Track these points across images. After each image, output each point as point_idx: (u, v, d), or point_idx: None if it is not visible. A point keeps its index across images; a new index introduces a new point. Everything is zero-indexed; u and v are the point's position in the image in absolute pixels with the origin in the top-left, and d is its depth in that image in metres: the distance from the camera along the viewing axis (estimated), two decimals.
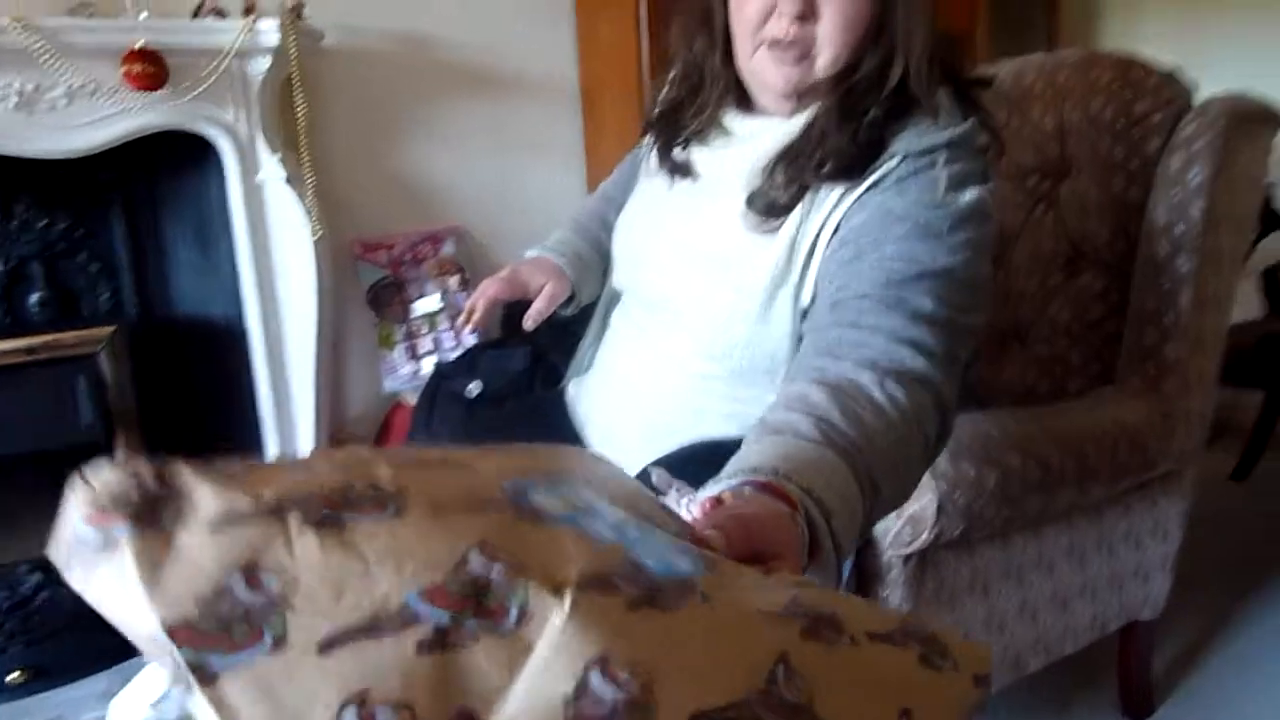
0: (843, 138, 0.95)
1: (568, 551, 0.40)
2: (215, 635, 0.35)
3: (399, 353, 2.24)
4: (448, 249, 2.35)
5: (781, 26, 0.95)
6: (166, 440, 1.97)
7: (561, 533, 0.42)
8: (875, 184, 0.94)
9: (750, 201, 1.00)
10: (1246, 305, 2.28)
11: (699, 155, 1.09)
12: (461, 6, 2.35)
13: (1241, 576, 2.09)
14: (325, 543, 0.37)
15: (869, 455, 0.74)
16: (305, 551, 0.37)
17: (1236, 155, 1.36)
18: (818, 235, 0.96)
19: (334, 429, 2.19)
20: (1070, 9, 3.33)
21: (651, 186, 1.17)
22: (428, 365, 2.23)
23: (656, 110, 1.16)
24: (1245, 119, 1.37)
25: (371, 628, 0.36)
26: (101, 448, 1.82)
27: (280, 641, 0.35)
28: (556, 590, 0.38)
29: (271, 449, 2.04)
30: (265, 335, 1.99)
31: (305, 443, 2.06)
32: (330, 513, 0.38)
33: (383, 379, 2.24)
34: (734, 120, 1.07)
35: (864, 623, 0.47)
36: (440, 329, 2.28)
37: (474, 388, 1.91)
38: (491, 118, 2.44)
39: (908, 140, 0.95)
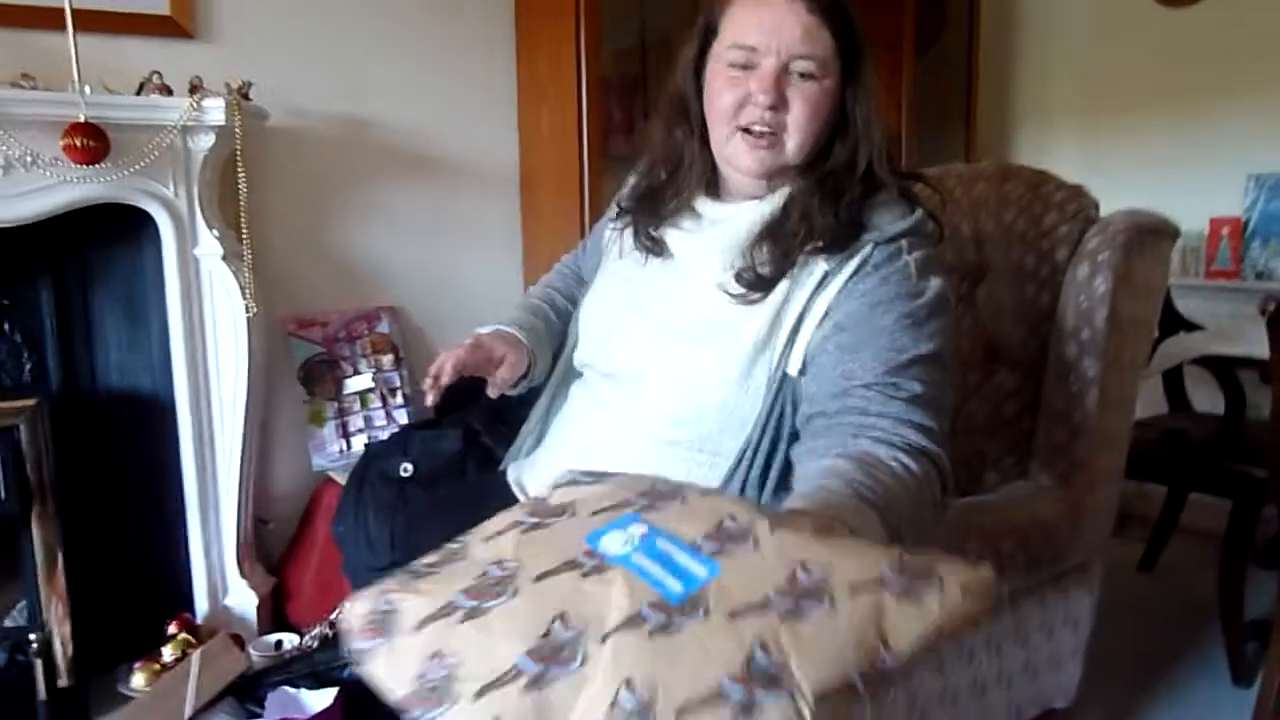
0: (827, 217, 1.08)
1: (614, 600, 0.60)
2: (424, 699, 0.57)
3: (329, 430, 2.23)
4: (382, 327, 2.36)
5: (756, 114, 1.09)
6: (86, 515, 1.92)
7: (613, 574, 0.62)
8: (856, 271, 1.07)
9: (739, 276, 1.10)
10: (1150, 402, 2.40)
11: (672, 237, 1.19)
12: (404, 92, 2.41)
13: (1150, 664, 2.16)
14: (473, 626, 0.60)
15: (893, 510, 0.87)
16: (463, 635, 0.59)
17: (1137, 266, 1.46)
18: (803, 312, 1.07)
19: (258, 507, 2.15)
20: (986, 123, 3.55)
21: (621, 267, 1.25)
22: (358, 443, 2.22)
23: (630, 196, 1.27)
24: (1144, 233, 1.48)
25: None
26: (16, 520, 1.76)
27: (453, 699, 0.57)
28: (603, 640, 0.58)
29: (193, 526, 1.99)
30: (193, 410, 1.97)
31: (228, 520, 2.02)
32: (474, 604, 0.61)
33: (312, 456, 2.21)
34: (704, 205, 1.18)
35: (849, 574, 0.62)
36: (372, 407, 2.28)
37: (406, 468, 1.91)
38: (430, 201, 2.48)
39: (878, 227, 1.09)
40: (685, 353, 1.13)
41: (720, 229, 1.16)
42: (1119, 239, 1.46)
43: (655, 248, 1.20)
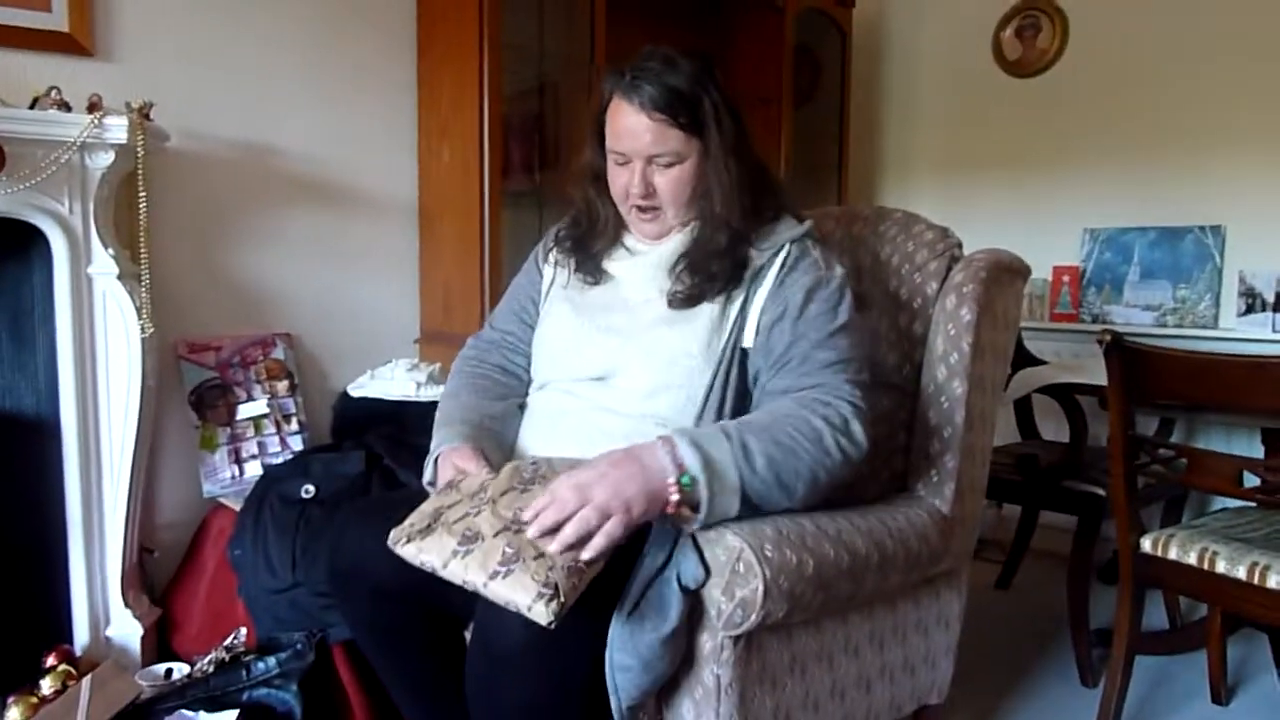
0: (725, 261, 1.39)
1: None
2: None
3: (221, 455, 2.20)
4: (277, 354, 2.35)
5: (635, 199, 1.41)
6: None
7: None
8: (783, 265, 1.40)
9: (670, 302, 1.40)
10: (1004, 432, 2.62)
11: (611, 265, 1.50)
12: (306, 122, 2.43)
13: (1009, 669, 2.34)
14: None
15: (745, 424, 1.26)
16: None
17: (996, 298, 1.64)
18: (748, 295, 1.39)
19: (142, 535, 2.09)
20: (856, 172, 3.81)
21: (567, 295, 1.52)
22: (251, 469, 2.20)
23: (563, 243, 1.55)
24: (1002, 269, 1.66)
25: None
26: None
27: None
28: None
29: (76, 554, 1.93)
30: (80, 434, 1.91)
31: (113, 548, 1.96)
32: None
33: (203, 482, 2.17)
34: (630, 240, 1.51)
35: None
36: (266, 433, 2.26)
37: (308, 489, 1.92)
38: (329, 229, 2.50)
39: (783, 233, 1.42)
40: (655, 337, 1.39)
41: (650, 255, 1.47)
42: (981, 274, 1.63)
43: (598, 276, 1.50)
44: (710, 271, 1.39)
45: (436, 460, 1.39)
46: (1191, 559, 1.80)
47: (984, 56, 3.68)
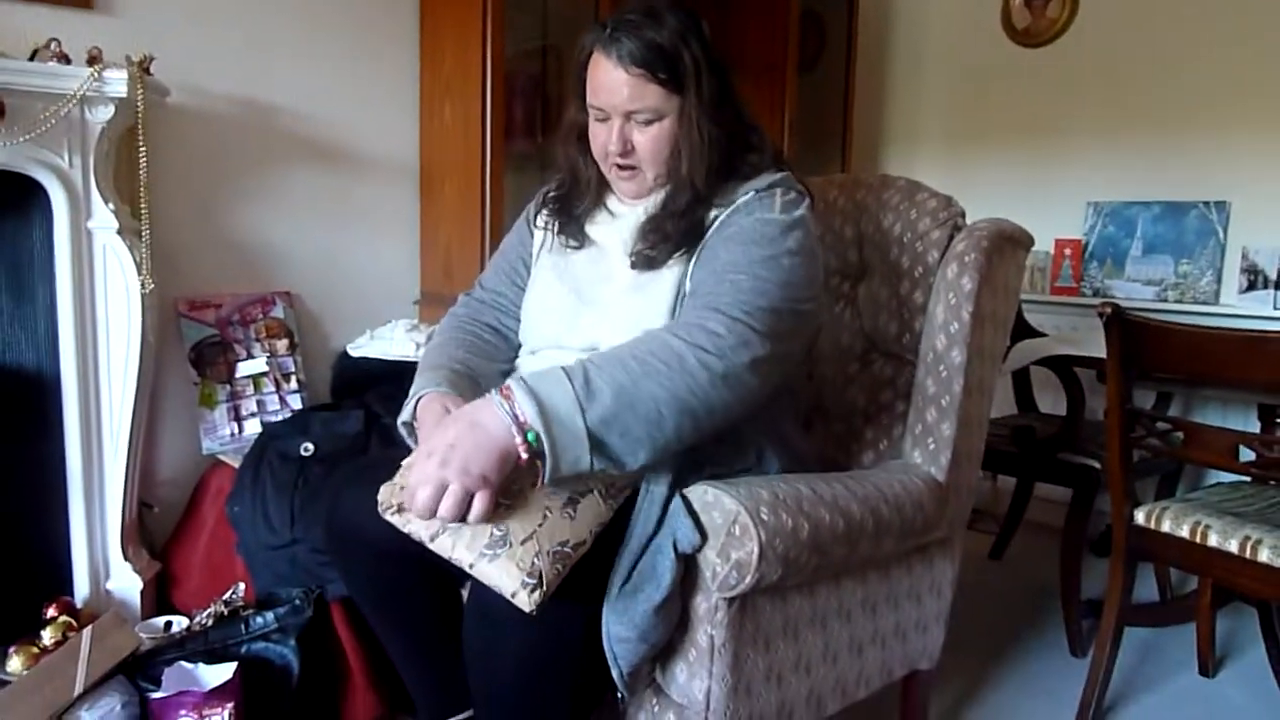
0: (681, 222, 1.36)
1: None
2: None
3: (220, 413, 2.20)
4: (277, 312, 2.35)
5: (614, 158, 1.37)
6: None
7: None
8: (734, 210, 1.34)
9: (633, 264, 1.37)
10: (1001, 404, 2.63)
11: (592, 229, 1.48)
12: (308, 79, 2.42)
13: (1002, 640, 2.37)
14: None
15: (595, 357, 1.17)
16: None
17: (998, 267, 1.63)
18: (701, 254, 1.34)
19: (142, 490, 2.10)
20: (860, 141, 3.79)
21: (552, 261, 1.50)
22: (250, 427, 2.21)
23: (550, 203, 1.52)
24: (1004, 238, 1.65)
25: None
26: None
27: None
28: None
29: (76, 508, 1.94)
30: (80, 388, 1.92)
31: (113, 502, 1.97)
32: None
33: (202, 439, 2.18)
34: (612, 202, 1.48)
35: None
36: (265, 391, 2.26)
37: (307, 448, 1.92)
38: (330, 188, 2.49)
39: (754, 182, 1.36)
40: (627, 304, 1.37)
41: (626, 219, 1.43)
42: (983, 243, 1.62)
43: (580, 240, 1.47)
44: (665, 232, 1.35)
45: (418, 402, 1.35)
46: (1184, 532, 1.82)
47: (992, 25, 3.65)
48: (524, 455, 1.11)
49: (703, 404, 1.17)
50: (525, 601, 1.09)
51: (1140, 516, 1.89)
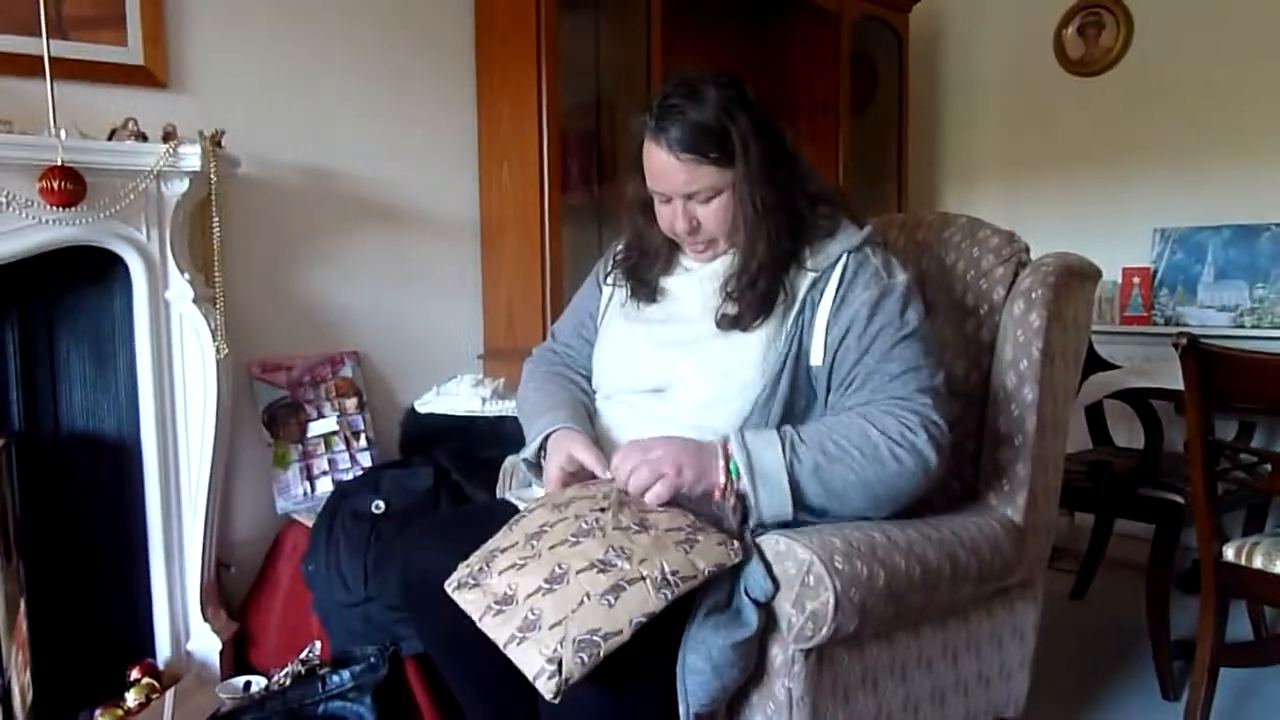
0: (753, 291, 1.38)
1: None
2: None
3: (293, 473, 2.24)
4: (346, 372, 2.39)
5: (681, 235, 1.42)
6: (47, 559, 1.90)
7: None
8: (841, 279, 1.38)
9: (718, 324, 1.39)
10: (1075, 439, 2.56)
11: (668, 282, 1.51)
12: (369, 145, 2.49)
13: (1090, 684, 2.28)
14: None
15: (800, 430, 1.28)
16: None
17: (1066, 303, 1.60)
18: (802, 307, 1.38)
19: (219, 551, 2.15)
20: (916, 179, 3.77)
21: (625, 313, 1.53)
22: (323, 486, 2.24)
23: (618, 269, 1.56)
24: (1072, 273, 1.63)
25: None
26: None
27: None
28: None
29: (157, 570, 1.99)
30: (160, 452, 1.97)
31: (192, 564, 2.01)
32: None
33: (276, 499, 2.22)
34: (685, 260, 1.51)
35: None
36: (336, 450, 2.30)
37: (379, 505, 1.95)
38: (393, 249, 2.55)
39: (839, 245, 1.40)
40: (711, 349, 1.40)
41: (705, 270, 1.47)
42: (1050, 279, 1.60)
43: (654, 295, 1.51)
44: (747, 299, 1.38)
45: (545, 441, 1.43)
46: (1278, 568, 1.74)
47: (1045, 55, 3.62)
48: (720, 480, 1.27)
49: (889, 491, 1.31)
50: (545, 688, 1.07)
51: (1230, 553, 1.82)
